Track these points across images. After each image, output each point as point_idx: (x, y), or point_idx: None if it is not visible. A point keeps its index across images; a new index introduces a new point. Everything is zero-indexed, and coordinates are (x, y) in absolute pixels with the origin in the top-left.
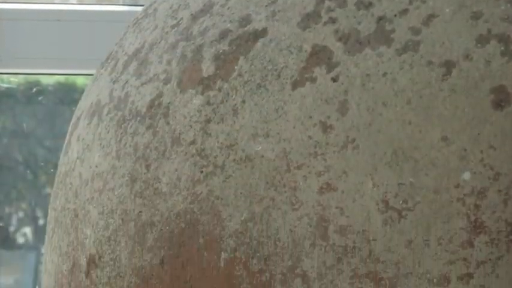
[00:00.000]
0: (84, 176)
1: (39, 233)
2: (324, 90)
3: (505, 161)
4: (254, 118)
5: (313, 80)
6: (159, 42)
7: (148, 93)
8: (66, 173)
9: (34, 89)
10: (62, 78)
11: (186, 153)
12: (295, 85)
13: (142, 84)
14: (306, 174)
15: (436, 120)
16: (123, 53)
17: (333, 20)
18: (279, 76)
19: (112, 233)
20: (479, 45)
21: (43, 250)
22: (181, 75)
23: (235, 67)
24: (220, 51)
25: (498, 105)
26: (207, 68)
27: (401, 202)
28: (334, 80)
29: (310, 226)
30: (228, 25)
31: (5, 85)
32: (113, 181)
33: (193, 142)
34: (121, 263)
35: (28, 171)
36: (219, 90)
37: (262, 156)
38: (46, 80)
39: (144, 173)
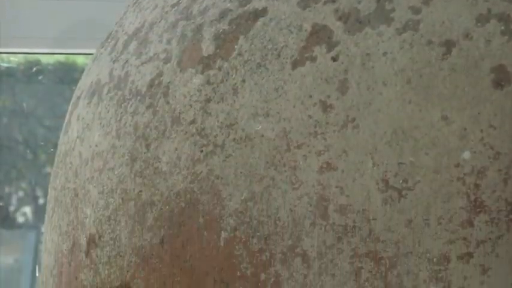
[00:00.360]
0: (84, 156)
1: (39, 212)
2: (324, 69)
3: (505, 140)
4: (254, 97)
5: (313, 59)
6: (159, 22)
7: (148, 72)
8: (66, 153)
9: (34, 69)
10: (62, 58)
11: (186, 132)
12: (295, 64)
13: (142, 63)
14: (306, 153)
15: (436, 99)
16: (123, 32)
17: None
18: (279, 55)
19: (112, 212)
20: (479, 24)
21: (43, 229)
22: (181, 54)
23: (235, 46)
24: (220, 30)
25: (498, 84)
26: (207, 47)
27: (401, 181)
28: (334, 59)
29: (310, 205)
30: (228, 4)
31: (5, 64)
32: (112, 160)
33: (193, 121)
34: (121, 243)
35: (28, 151)
36: (219, 69)
37: (262, 136)
38: (46, 60)
39: (144, 153)
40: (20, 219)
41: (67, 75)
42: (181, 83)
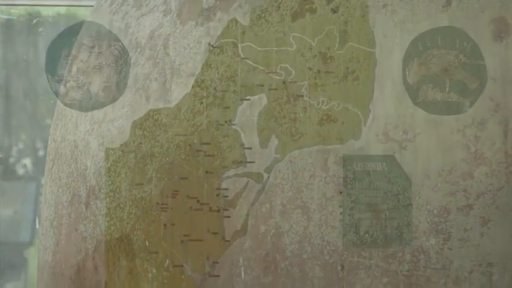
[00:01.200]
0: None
1: (39, 164)
2: (324, 21)
3: (505, 93)
4: (254, 49)
5: (313, 11)
6: None
7: (148, 24)
8: None
9: (34, 21)
10: (62, 10)
11: (186, 84)
12: (295, 16)
13: (142, 15)
14: (306, 105)
15: (436, 51)
16: None
17: None
18: (279, 7)
19: (112, 164)
20: None
21: (43, 181)
22: (181, 6)
23: None
24: None
25: (498, 36)
26: None
27: (401, 133)
28: (334, 11)
29: (310, 157)
30: None
31: (5, 16)
32: (112, 112)
33: (193, 73)
34: (121, 194)
35: (28, 102)
36: (219, 21)
37: (263, 87)
38: (46, 12)
39: (144, 104)
40: (20, 170)
41: (68, 27)
42: (182, 35)
